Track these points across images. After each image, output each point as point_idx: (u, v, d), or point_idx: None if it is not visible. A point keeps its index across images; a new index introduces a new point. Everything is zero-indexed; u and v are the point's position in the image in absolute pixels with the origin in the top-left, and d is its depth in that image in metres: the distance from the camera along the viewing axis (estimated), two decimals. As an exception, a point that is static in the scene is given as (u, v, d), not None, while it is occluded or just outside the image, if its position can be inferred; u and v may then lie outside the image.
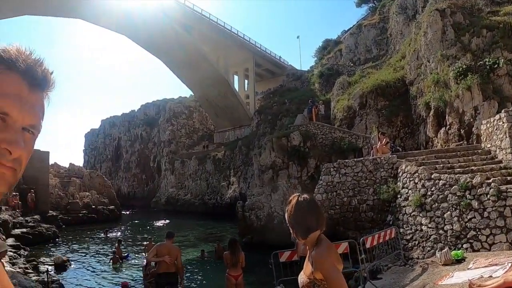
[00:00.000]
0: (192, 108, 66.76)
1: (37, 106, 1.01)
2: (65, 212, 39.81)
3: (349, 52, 48.33)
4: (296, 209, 3.08)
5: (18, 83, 0.96)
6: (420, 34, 24.84)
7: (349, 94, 31.54)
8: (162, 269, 10.26)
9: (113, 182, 65.98)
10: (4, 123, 0.93)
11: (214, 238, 27.75)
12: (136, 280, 17.70)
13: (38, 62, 1.01)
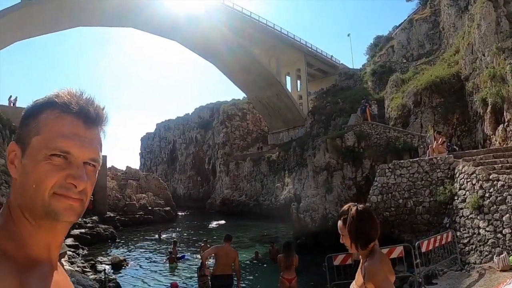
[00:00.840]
0: (246, 110, 67.04)
1: (95, 141, 1.14)
2: (122, 213, 41.01)
3: (401, 48, 47.15)
4: (358, 220, 3.03)
5: (74, 123, 1.09)
6: (473, 26, 23.85)
7: (403, 92, 30.79)
8: (218, 271, 10.32)
9: (169, 184, 67.37)
10: (67, 161, 1.07)
11: (268, 239, 27.70)
12: (190, 280, 17.95)
13: (90, 101, 1.15)
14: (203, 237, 26.09)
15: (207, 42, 47.17)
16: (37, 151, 1.05)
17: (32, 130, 1.08)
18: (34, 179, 1.04)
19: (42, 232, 1.08)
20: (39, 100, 1.13)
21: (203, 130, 74.19)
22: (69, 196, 1.06)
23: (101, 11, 39.06)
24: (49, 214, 1.05)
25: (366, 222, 3.04)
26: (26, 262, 1.02)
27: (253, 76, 51.48)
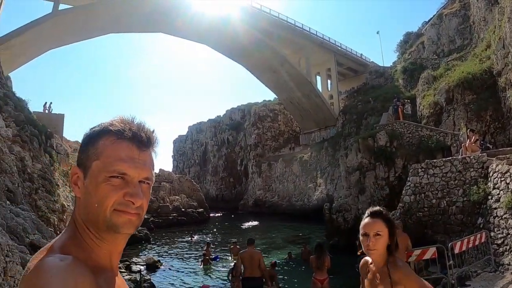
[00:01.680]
0: (277, 111, 67.07)
1: (148, 161, 1.29)
2: (156, 215, 41.57)
3: (432, 44, 46.20)
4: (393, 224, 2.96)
5: (129, 148, 1.25)
6: (503, 20, 23.26)
7: (435, 89, 30.20)
8: (246, 273, 10.64)
9: (202, 186, 67.76)
10: (124, 181, 1.23)
11: (301, 240, 27.72)
12: (223, 281, 18.00)
13: (141, 127, 1.30)
14: (235, 238, 26.29)
15: (236, 45, 47.38)
16: (98, 174, 1.21)
17: (91, 156, 1.23)
18: (96, 198, 1.20)
19: (105, 243, 1.25)
20: (95, 128, 1.29)
21: (234, 131, 74.56)
22: (127, 211, 1.22)
23: (132, 18, 39.60)
24: (110, 227, 1.21)
25: (395, 228, 2.98)
26: (93, 268, 1.16)
27: (283, 77, 51.49)
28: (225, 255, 23.71)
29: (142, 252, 26.23)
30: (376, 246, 2.79)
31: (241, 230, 38.36)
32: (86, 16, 35.73)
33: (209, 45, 50.54)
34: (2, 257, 4.79)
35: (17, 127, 16.62)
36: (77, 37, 39.90)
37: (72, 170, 1.27)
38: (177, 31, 46.22)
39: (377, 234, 2.80)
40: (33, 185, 16.02)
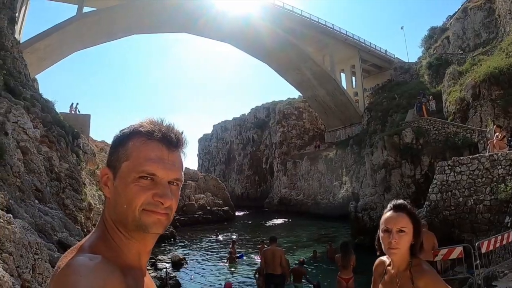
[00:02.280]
0: (302, 109, 66.77)
1: (177, 162, 1.31)
2: (181, 213, 41.81)
3: (457, 39, 45.10)
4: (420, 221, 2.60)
5: (158, 149, 1.26)
6: (529, 12, 22.77)
7: (461, 85, 29.59)
8: (268, 270, 11.04)
9: (227, 184, 68.02)
10: (153, 182, 1.24)
11: (326, 238, 27.57)
12: (248, 279, 18.12)
13: (170, 128, 1.32)
14: (262, 236, 26.26)
15: (259, 43, 47.37)
16: (127, 174, 1.23)
17: (121, 157, 1.25)
18: (126, 198, 1.22)
19: (134, 242, 1.26)
20: (125, 130, 1.31)
21: (259, 130, 74.58)
22: (157, 211, 1.23)
23: (155, 19, 39.98)
24: (139, 227, 1.23)
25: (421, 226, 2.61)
26: (123, 267, 1.18)
27: (307, 74, 51.37)
28: (250, 253, 23.76)
29: (167, 249, 26.42)
30: (399, 244, 2.43)
31: (267, 228, 38.42)
32: (110, 18, 36.22)
33: (232, 44, 50.73)
34: (31, 255, 4.90)
35: (44, 127, 16.91)
36: (101, 39, 40.44)
37: (102, 171, 1.29)
38: (200, 31, 46.50)
39: (401, 230, 2.44)
40: (61, 184, 16.35)
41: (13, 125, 10.92)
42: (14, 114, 11.76)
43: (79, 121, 30.76)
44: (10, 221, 5.14)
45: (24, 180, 8.64)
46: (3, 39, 18.80)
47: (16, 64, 19.40)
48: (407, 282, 2.46)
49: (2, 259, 5.00)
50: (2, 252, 5.08)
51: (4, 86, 14.89)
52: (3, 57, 18.03)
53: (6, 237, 5.17)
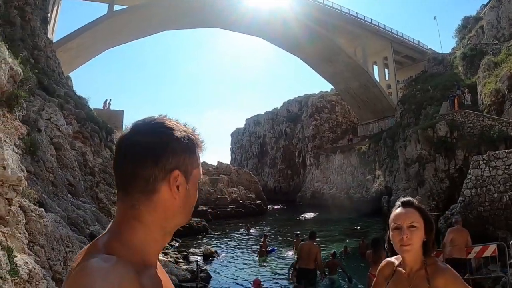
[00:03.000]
0: (334, 102, 66.28)
1: None
2: (214, 207, 42.09)
3: (492, 29, 43.45)
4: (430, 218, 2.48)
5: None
6: None
7: (496, 76, 28.69)
8: (301, 264, 11.34)
9: (260, 178, 68.00)
10: None
11: (359, 233, 27.23)
12: (278, 274, 18.10)
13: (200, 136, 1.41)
14: (294, 230, 26.23)
15: (290, 36, 47.17)
16: (197, 180, 1.35)
17: (194, 164, 1.32)
18: (193, 200, 1.34)
19: (161, 243, 1.31)
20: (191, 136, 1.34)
21: (292, 123, 74.35)
22: None
23: (186, 15, 40.19)
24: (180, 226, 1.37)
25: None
26: (140, 266, 1.17)
27: (339, 67, 50.97)
28: (281, 248, 23.72)
29: (199, 243, 26.56)
30: (411, 240, 2.33)
31: (299, 222, 38.39)
32: (141, 15, 36.58)
33: (263, 37, 50.72)
34: (62, 248, 5.00)
35: (78, 123, 17.27)
36: (133, 36, 40.94)
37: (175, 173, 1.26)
38: (231, 25, 46.65)
39: (412, 226, 2.36)
40: (94, 178, 16.72)
41: (46, 122, 11.13)
42: (47, 111, 11.98)
43: (112, 117, 31.25)
44: (42, 215, 5.23)
45: (57, 175, 8.80)
46: (36, 39, 19.18)
47: (49, 63, 19.79)
48: (422, 282, 2.35)
49: (34, 252, 5.14)
50: (34, 245, 5.22)
51: (38, 85, 15.16)
52: (37, 57, 18.42)
53: (38, 230, 5.30)
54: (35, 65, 17.05)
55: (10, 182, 4.70)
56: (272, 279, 17.34)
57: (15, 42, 15.45)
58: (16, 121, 6.89)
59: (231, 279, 17.33)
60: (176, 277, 14.81)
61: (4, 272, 3.66)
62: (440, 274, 2.31)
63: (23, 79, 7.69)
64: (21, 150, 6.62)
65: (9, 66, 6.73)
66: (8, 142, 5.43)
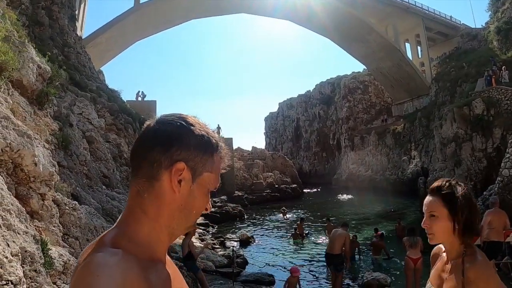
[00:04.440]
0: (367, 82, 65.55)
1: None
2: (249, 192, 42.41)
3: None
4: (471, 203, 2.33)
5: (221, 166, 1.32)
6: None
7: (534, 49, 28.16)
8: (327, 249, 11.80)
9: (294, 162, 68.12)
10: (209, 192, 1.30)
11: (395, 215, 26.85)
12: (312, 257, 18.18)
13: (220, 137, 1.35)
14: (329, 214, 26.21)
15: (319, 17, 46.69)
16: (206, 185, 1.26)
17: (207, 166, 1.25)
18: (198, 206, 1.26)
19: (167, 240, 1.27)
20: (211, 139, 1.28)
21: (325, 105, 74.04)
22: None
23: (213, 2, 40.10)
24: (189, 229, 1.32)
25: (476, 208, 2.36)
26: (146, 261, 1.16)
27: (371, 46, 50.28)
28: (317, 231, 23.72)
29: (235, 228, 26.81)
30: (431, 230, 2.32)
31: (334, 205, 38.36)
32: (167, 6, 36.79)
33: (291, 20, 50.35)
34: None
35: (111, 116, 17.54)
36: (160, 27, 41.28)
37: (179, 165, 1.21)
38: (257, 10, 46.46)
39: (431, 215, 2.33)
40: (129, 169, 16.91)
41: (78, 117, 11.39)
42: (78, 106, 12.24)
43: (145, 108, 31.55)
44: (76, 208, 5.39)
45: (91, 167, 9.02)
46: (66, 37, 19.57)
47: (80, 59, 20.17)
48: (457, 273, 2.27)
49: (69, 244, 5.31)
50: (69, 237, 5.40)
51: (70, 81, 15.47)
52: (67, 54, 18.80)
53: (72, 223, 5.48)
54: (66, 62, 17.46)
55: (42, 178, 4.86)
56: (308, 264, 17.33)
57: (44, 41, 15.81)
58: (47, 118, 7.09)
59: (267, 264, 17.40)
60: (212, 263, 15.05)
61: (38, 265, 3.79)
62: (473, 265, 2.21)
63: (52, 76, 7.89)
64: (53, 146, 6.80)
65: (37, 65, 6.91)
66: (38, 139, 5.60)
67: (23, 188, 4.56)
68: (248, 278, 13.87)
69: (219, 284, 12.50)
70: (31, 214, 4.57)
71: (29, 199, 4.56)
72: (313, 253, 19.04)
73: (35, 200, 4.64)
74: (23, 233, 3.86)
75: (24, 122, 5.48)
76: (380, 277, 12.74)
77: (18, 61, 6.22)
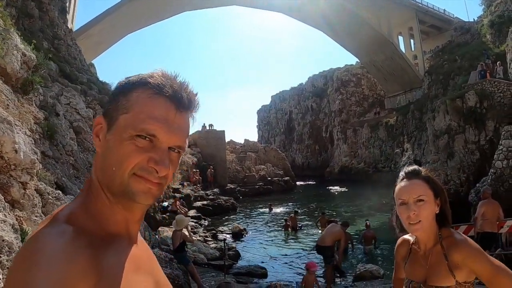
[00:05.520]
0: (360, 75, 65.45)
1: (183, 127, 1.12)
2: (242, 185, 42.11)
3: None
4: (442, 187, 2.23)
5: (165, 107, 1.07)
6: None
7: (526, 42, 28.12)
8: (319, 242, 11.88)
9: (287, 154, 68.07)
10: (152, 144, 1.06)
11: (387, 207, 26.91)
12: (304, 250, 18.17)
13: (183, 86, 1.12)
14: (322, 206, 26.19)
15: (312, 10, 46.61)
16: (123, 129, 1.06)
17: (121, 107, 1.08)
18: (117, 157, 1.06)
19: (120, 209, 1.10)
20: (132, 78, 1.13)
21: (318, 98, 73.95)
22: (149, 179, 1.06)
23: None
24: (126, 194, 1.06)
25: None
26: (104, 237, 1.03)
27: (364, 39, 50.18)
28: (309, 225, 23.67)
29: (228, 221, 26.69)
30: (420, 216, 2.06)
31: (327, 198, 38.51)
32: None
33: (285, 12, 50.13)
34: None
35: (102, 108, 17.34)
36: (153, 19, 41.00)
37: (96, 120, 1.12)
38: (251, 2, 46.22)
39: (419, 200, 2.09)
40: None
41: (65, 107, 11.21)
42: (65, 96, 12.07)
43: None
44: (59, 197, 5.22)
45: (78, 158, 8.88)
46: (56, 29, 19.42)
47: (70, 51, 20.01)
48: (439, 259, 2.10)
49: None
50: None
51: (60, 73, 15.28)
52: (57, 46, 18.65)
53: None
54: (56, 54, 17.26)
55: (24, 166, 4.71)
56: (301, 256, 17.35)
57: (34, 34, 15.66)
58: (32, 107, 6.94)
59: (260, 257, 17.36)
60: (204, 256, 15.00)
61: (16, 254, 3.69)
62: (457, 247, 2.05)
63: (38, 65, 7.73)
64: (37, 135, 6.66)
65: (21, 53, 6.75)
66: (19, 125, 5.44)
67: (3, 176, 4.42)
68: (240, 271, 13.88)
69: (211, 276, 12.43)
70: (11, 203, 4.43)
71: (9, 188, 4.41)
72: (306, 246, 19.05)
73: (15, 188, 4.49)
74: (1, 221, 3.72)
75: (6, 110, 5.31)
76: (373, 268, 12.79)
77: (1, 48, 6.05)
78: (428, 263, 2.16)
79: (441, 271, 2.08)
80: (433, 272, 2.12)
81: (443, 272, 2.07)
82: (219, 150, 40.54)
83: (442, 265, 2.07)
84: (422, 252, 2.22)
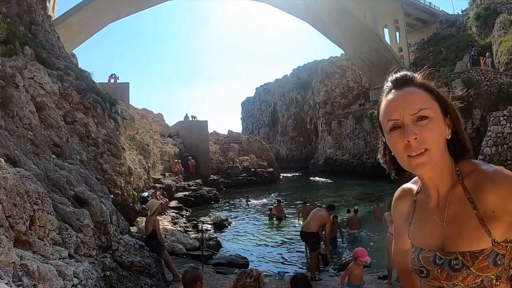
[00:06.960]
0: (345, 67, 65.13)
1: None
2: (225, 176, 41.93)
3: None
4: None
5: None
6: None
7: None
8: (303, 227, 11.29)
9: (272, 146, 67.84)
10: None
11: (372, 198, 26.76)
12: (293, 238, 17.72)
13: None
14: (306, 198, 25.85)
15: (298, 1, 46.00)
16: None
17: None
18: None
19: None
20: None
21: (302, 90, 73.62)
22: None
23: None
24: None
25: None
26: None
27: (349, 31, 49.70)
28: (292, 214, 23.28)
29: (210, 211, 26.36)
30: (426, 142, 1.31)
31: (311, 188, 38.49)
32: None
33: (270, 3, 49.45)
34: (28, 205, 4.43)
35: (79, 94, 16.93)
36: (135, 7, 39.91)
37: None
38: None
39: (420, 118, 1.34)
40: (98, 149, 16.56)
41: (29, 81, 10.79)
42: (30, 69, 11.51)
43: (117, 90, 31.01)
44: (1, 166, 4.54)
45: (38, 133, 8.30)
46: (34, 14, 18.88)
47: (48, 37, 19.52)
48: (463, 209, 1.35)
49: None
50: None
51: (37, 58, 14.76)
52: (34, 32, 18.19)
53: None
54: (33, 39, 16.82)
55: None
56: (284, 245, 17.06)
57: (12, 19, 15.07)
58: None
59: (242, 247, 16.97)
60: (183, 246, 14.53)
61: None
62: (488, 185, 1.28)
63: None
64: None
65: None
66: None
67: None
68: (220, 261, 13.38)
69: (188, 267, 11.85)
70: None
71: None
72: (290, 235, 18.65)
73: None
74: None
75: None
76: (360, 257, 12.28)
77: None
78: (445, 218, 1.41)
79: (467, 227, 1.33)
80: (455, 230, 1.37)
81: (469, 228, 1.32)
82: (202, 140, 40.15)
83: (468, 217, 1.33)
84: (434, 203, 1.47)
